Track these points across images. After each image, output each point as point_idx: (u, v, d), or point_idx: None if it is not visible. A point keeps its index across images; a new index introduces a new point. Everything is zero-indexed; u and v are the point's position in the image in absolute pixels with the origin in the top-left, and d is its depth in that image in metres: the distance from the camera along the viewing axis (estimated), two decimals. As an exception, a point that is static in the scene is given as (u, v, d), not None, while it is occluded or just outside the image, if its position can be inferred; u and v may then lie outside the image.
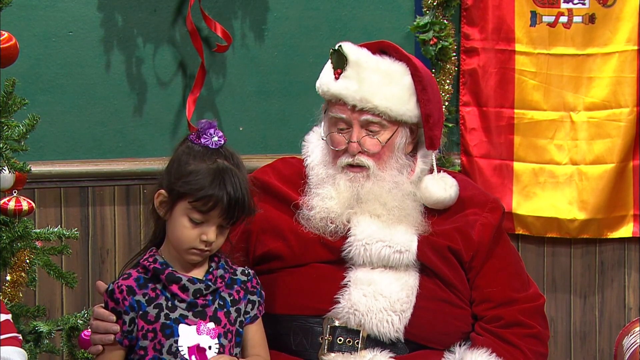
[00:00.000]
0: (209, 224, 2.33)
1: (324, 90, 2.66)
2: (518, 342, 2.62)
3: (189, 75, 3.62)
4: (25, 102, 2.93)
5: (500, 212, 2.73)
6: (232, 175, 2.32)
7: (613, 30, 3.82)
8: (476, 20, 3.82)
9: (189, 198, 2.31)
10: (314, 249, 2.61)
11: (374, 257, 2.58)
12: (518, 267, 2.74)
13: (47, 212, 3.50)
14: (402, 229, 2.60)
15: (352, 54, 2.64)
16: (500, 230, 2.73)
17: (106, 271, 3.56)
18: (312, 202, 2.63)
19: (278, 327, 2.59)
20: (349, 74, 2.62)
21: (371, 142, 2.63)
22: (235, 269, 2.46)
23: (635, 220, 3.88)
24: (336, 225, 2.60)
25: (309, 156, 2.73)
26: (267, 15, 3.68)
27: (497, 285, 2.66)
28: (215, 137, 2.37)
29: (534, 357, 2.63)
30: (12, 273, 2.98)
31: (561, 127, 3.85)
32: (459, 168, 3.83)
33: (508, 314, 2.64)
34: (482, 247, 2.66)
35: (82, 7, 3.52)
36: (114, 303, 2.34)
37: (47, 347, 3.08)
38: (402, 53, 2.67)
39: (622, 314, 3.95)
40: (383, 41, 2.71)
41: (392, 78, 2.63)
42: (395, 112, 2.62)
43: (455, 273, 2.64)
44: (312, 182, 2.68)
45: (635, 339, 2.95)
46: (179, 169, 2.34)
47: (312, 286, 2.59)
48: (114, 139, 3.58)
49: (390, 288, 2.55)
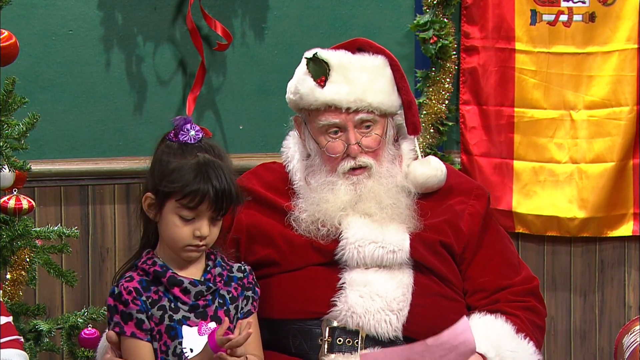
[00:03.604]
0: (200, 218, 2.32)
1: (309, 101, 2.62)
2: (514, 312, 2.62)
3: (189, 74, 3.62)
4: (25, 101, 2.93)
5: (486, 198, 2.75)
6: (214, 167, 2.32)
7: (613, 29, 3.82)
8: (476, 18, 3.82)
9: (175, 196, 2.30)
10: (305, 253, 2.61)
11: (367, 258, 2.58)
12: (508, 253, 2.75)
13: (47, 210, 3.50)
14: (393, 227, 2.60)
15: (333, 59, 2.63)
16: (488, 217, 2.74)
17: (106, 270, 3.56)
18: (303, 206, 2.63)
19: (277, 332, 2.59)
20: (335, 79, 2.61)
21: (369, 139, 2.63)
22: (231, 266, 2.46)
23: (635, 218, 3.88)
24: (327, 228, 2.60)
25: (290, 162, 2.73)
26: (267, 14, 3.68)
27: (489, 274, 2.67)
28: (192, 132, 2.36)
29: (531, 326, 2.63)
30: (12, 272, 2.99)
31: (561, 126, 3.85)
32: (459, 166, 3.83)
33: (502, 297, 2.65)
34: (472, 238, 2.67)
35: (82, 6, 3.52)
36: (122, 305, 2.33)
37: (47, 346, 3.09)
38: (377, 47, 2.69)
39: (622, 313, 3.95)
40: (357, 39, 2.71)
41: (377, 72, 2.64)
42: (386, 105, 2.63)
43: (449, 267, 2.65)
44: (298, 188, 2.67)
45: (635, 337, 2.95)
46: (161, 169, 2.33)
47: (308, 290, 2.58)
48: (114, 137, 3.58)
49: (385, 287, 2.55)
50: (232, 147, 3.64)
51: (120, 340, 2.34)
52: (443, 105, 3.77)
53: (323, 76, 2.62)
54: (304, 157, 2.71)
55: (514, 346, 2.55)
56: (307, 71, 2.64)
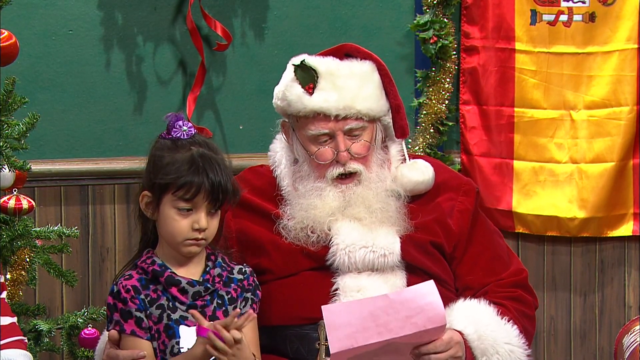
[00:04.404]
0: (198, 211, 2.33)
1: (298, 108, 2.60)
2: (500, 301, 2.62)
3: (189, 74, 3.62)
4: (25, 101, 2.93)
5: (474, 193, 2.74)
6: (209, 159, 2.33)
7: (613, 29, 3.82)
8: (476, 18, 3.82)
9: (171, 189, 2.31)
10: (297, 260, 2.60)
11: (358, 263, 2.57)
12: (498, 248, 2.74)
13: (47, 210, 3.50)
14: (383, 231, 2.60)
15: (321, 66, 2.61)
16: (477, 213, 2.74)
17: (106, 270, 3.56)
18: (292, 213, 2.62)
19: (274, 337, 2.59)
20: (323, 86, 2.59)
21: (358, 145, 2.62)
22: (232, 267, 2.45)
23: (635, 218, 3.88)
24: (317, 234, 2.59)
25: (277, 167, 2.72)
26: (267, 14, 3.68)
27: (478, 271, 2.68)
28: (185, 128, 2.37)
29: (517, 313, 2.62)
30: (12, 271, 2.99)
31: (561, 126, 3.85)
32: (459, 167, 3.83)
33: (490, 290, 2.65)
34: (462, 236, 2.68)
35: (82, 6, 3.52)
36: (122, 303, 2.33)
37: (47, 346, 3.09)
38: (365, 52, 2.67)
39: (622, 313, 3.95)
40: (344, 44, 2.70)
41: (365, 78, 2.63)
42: (374, 111, 2.62)
43: (441, 266, 2.65)
44: (286, 193, 2.66)
45: (635, 337, 2.95)
46: (155, 164, 2.35)
47: (302, 296, 2.58)
48: (114, 137, 3.58)
49: (379, 292, 2.52)
50: (232, 147, 3.64)
51: (120, 339, 2.35)
52: (443, 105, 3.77)
53: (311, 83, 2.60)
54: (291, 162, 2.70)
55: (494, 326, 2.55)
56: (295, 78, 2.62)
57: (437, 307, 2.31)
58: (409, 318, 2.29)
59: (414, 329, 2.29)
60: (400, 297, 2.30)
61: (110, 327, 2.35)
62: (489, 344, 2.53)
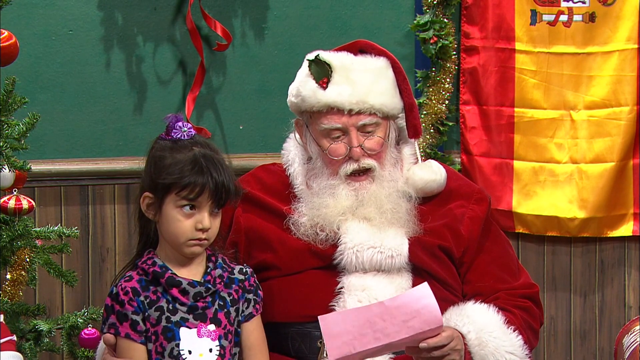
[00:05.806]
0: (201, 211, 2.32)
1: (311, 103, 2.61)
2: (509, 308, 2.61)
3: (188, 74, 3.62)
4: (25, 101, 2.93)
5: (487, 202, 2.73)
6: (211, 159, 2.33)
7: (613, 29, 3.82)
8: (476, 18, 3.82)
9: (175, 189, 2.31)
10: (303, 258, 2.60)
11: (366, 263, 2.57)
12: (508, 258, 2.74)
13: (47, 210, 3.50)
14: (392, 232, 2.59)
15: (335, 60, 2.62)
16: (488, 222, 2.73)
17: (106, 270, 3.56)
18: (303, 210, 2.62)
19: (276, 334, 2.58)
20: (337, 80, 2.59)
21: (372, 141, 2.61)
22: (233, 268, 2.45)
23: (636, 218, 3.88)
24: (326, 233, 2.59)
25: (290, 165, 2.71)
26: (267, 14, 3.68)
27: (488, 279, 2.67)
28: (185, 128, 2.37)
29: (524, 323, 2.62)
30: (12, 272, 2.98)
31: (561, 126, 3.85)
32: (459, 167, 3.83)
33: (501, 296, 2.65)
34: (472, 242, 2.67)
35: (82, 6, 3.52)
36: (119, 305, 2.33)
37: (47, 346, 3.09)
38: (379, 48, 2.67)
39: (622, 313, 3.95)
40: (359, 41, 2.70)
41: (379, 74, 2.63)
42: (388, 108, 2.62)
43: (448, 270, 2.64)
44: (299, 191, 2.66)
45: (635, 337, 2.95)
46: (157, 165, 2.34)
47: (307, 294, 2.58)
48: (114, 137, 3.58)
49: (384, 292, 2.53)
50: (232, 147, 3.64)
51: (116, 341, 2.34)
52: (443, 105, 3.77)
53: (325, 78, 2.60)
54: (304, 161, 2.70)
55: (498, 333, 2.54)
56: (309, 73, 2.63)
57: (432, 309, 2.31)
58: (406, 322, 2.30)
59: (411, 332, 2.30)
60: (396, 302, 2.30)
61: (105, 329, 2.35)
62: (489, 351, 2.52)
